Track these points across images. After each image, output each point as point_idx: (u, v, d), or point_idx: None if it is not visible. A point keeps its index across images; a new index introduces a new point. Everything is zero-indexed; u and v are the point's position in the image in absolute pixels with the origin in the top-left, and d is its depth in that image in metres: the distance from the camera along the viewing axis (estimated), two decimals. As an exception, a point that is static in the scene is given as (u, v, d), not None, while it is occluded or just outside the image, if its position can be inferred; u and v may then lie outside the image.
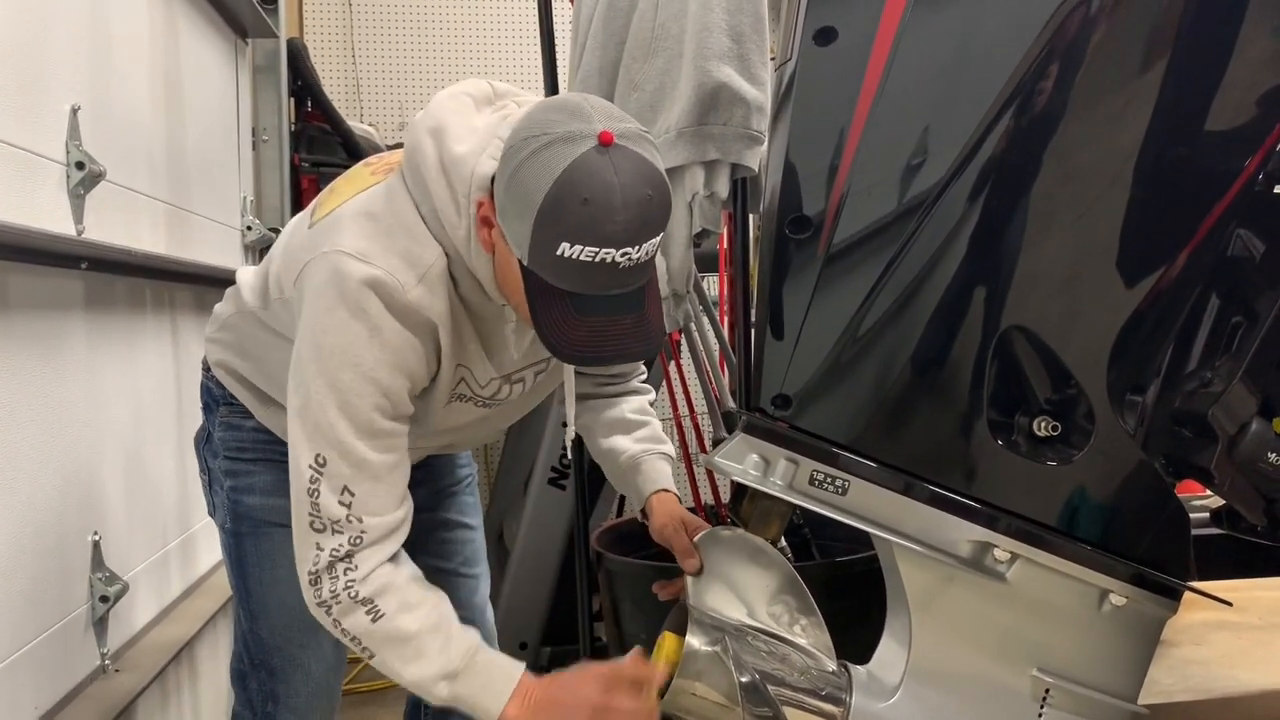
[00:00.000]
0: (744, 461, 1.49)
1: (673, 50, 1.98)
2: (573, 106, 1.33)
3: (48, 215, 1.85)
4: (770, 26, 1.98)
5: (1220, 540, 1.77)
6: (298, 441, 1.42)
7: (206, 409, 1.72)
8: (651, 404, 1.86)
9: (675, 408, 3.11)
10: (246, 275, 1.66)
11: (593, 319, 1.33)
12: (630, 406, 1.82)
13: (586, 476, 2.90)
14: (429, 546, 1.78)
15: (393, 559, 1.44)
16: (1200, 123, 1.44)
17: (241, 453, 1.66)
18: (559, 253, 1.27)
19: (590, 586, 2.56)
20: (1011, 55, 1.41)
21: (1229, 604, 1.58)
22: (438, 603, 1.46)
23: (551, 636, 3.33)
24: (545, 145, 1.28)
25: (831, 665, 1.52)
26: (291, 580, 1.62)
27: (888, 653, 1.52)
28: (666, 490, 1.75)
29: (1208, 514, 1.75)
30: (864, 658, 1.54)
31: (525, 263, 1.32)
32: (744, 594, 1.57)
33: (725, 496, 2.89)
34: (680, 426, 3.08)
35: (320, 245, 1.43)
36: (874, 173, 1.45)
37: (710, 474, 2.92)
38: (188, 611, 2.53)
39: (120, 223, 2.19)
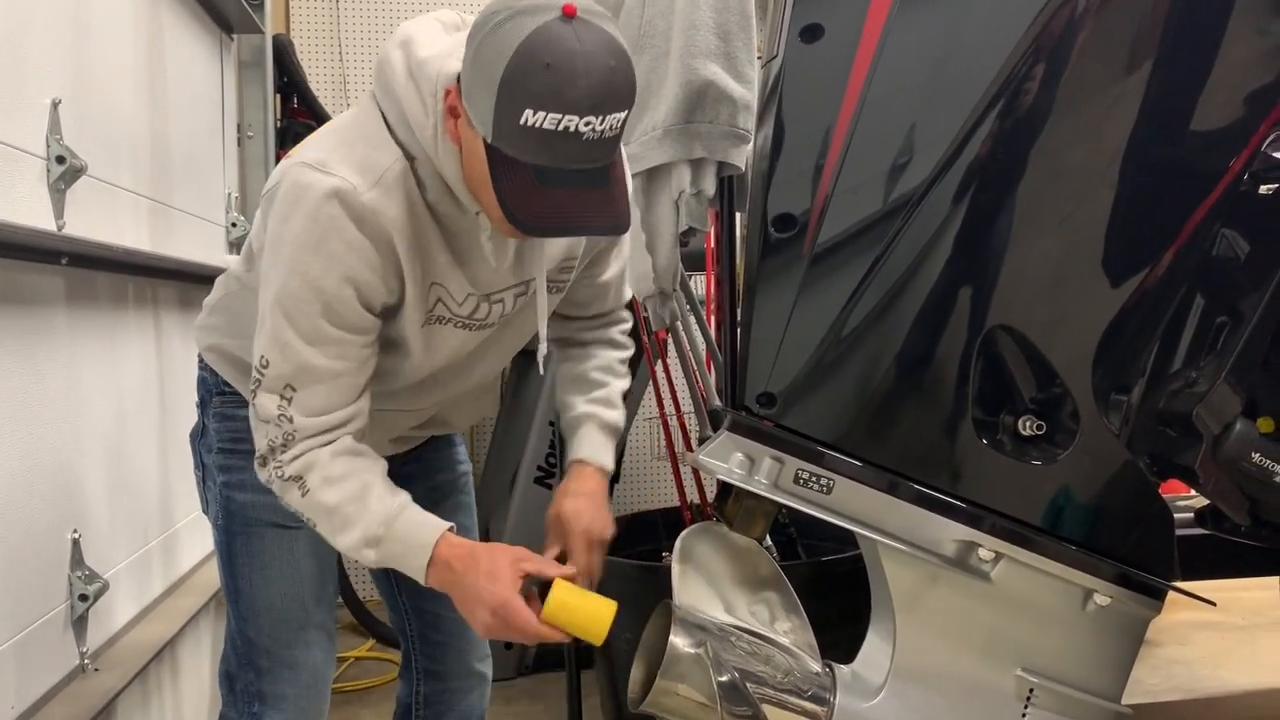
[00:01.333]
0: (729, 460, 1.49)
1: (659, 47, 1.98)
2: None
3: (28, 210, 1.83)
4: (757, 24, 1.97)
5: (1204, 540, 1.78)
6: (257, 337, 1.45)
7: (202, 403, 1.71)
8: (622, 361, 1.78)
9: (661, 406, 3.10)
10: (232, 259, 1.70)
11: (556, 191, 1.32)
12: (596, 363, 1.75)
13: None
14: None
15: (328, 445, 1.45)
16: (1186, 123, 1.44)
17: (236, 444, 1.64)
18: (522, 121, 1.27)
19: (575, 585, 2.55)
20: (998, 54, 1.40)
21: (1213, 604, 1.58)
22: (364, 471, 1.46)
23: (537, 636, 3.32)
24: (508, 18, 1.28)
25: (816, 665, 1.52)
26: (281, 581, 1.64)
27: (872, 652, 1.52)
28: (585, 462, 1.66)
29: (1192, 514, 1.75)
30: (849, 657, 1.54)
31: (490, 140, 1.31)
32: (729, 594, 1.56)
33: (711, 495, 2.88)
34: (666, 425, 3.08)
35: (284, 165, 1.47)
36: (860, 171, 1.45)
37: (696, 472, 2.92)
38: (170, 610, 2.51)
39: (102, 218, 2.17)
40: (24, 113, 1.85)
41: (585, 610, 1.44)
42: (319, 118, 3.57)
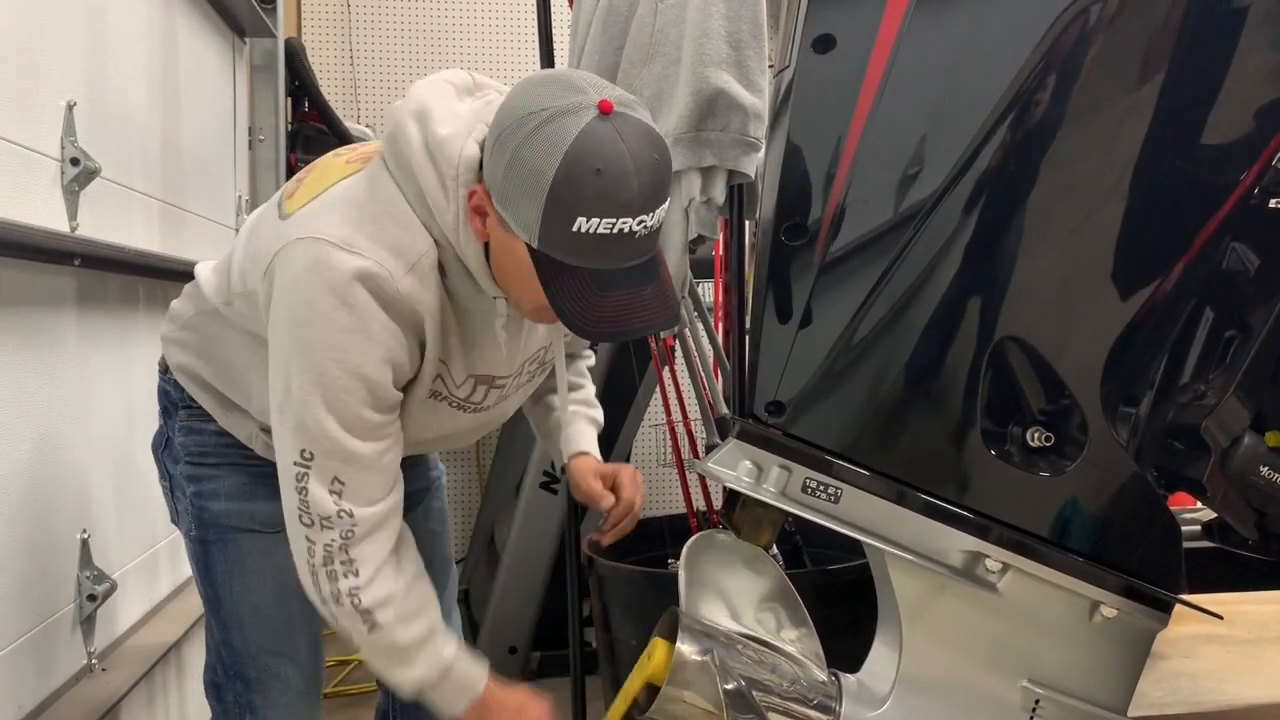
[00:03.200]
0: (737, 468, 1.49)
1: (671, 56, 1.98)
2: (563, 80, 1.28)
3: (42, 211, 1.85)
4: (769, 33, 1.98)
5: (1211, 553, 1.77)
6: (282, 438, 1.37)
7: (165, 413, 1.65)
8: (590, 369, 1.87)
9: (669, 413, 3.10)
10: (205, 271, 1.60)
11: (614, 294, 1.29)
12: (572, 369, 1.82)
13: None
14: None
15: (393, 554, 1.42)
16: (1197, 136, 1.44)
17: (204, 458, 1.59)
18: (575, 229, 1.23)
19: (581, 591, 2.56)
20: (1010, 66, 1.41)
21: (1219, 617, 1.58)
22: (429, 609, 1.46)
23: (542, 641, 3.32)
24: (546, 120, 1.23)
25: (822, 674, 1.52)
26: (264, 587, 1.57)
27: (878, 661, 1.52)
28: (586, 453, 1.76)
29: (1199, 526, 1.75)
30: (855, 666, 1.54)
31: (535, 245, 1.27)
32: (735, 601, 1.57)
33: (717, 502, 2.88)
34: (674, 432, 3.08)
35: (294, 233, 1.36)
36: (871, 181, 1.45)
37: (702, 479, 2.92)
38: (176, 611, 2.52)
39: (114, 220, 2.19)
40: (40, 115, 1.86)
41: None
42: (329, 121, 3.58)
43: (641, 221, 1.25)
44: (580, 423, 1.78)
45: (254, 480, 1.57)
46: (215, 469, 1.58)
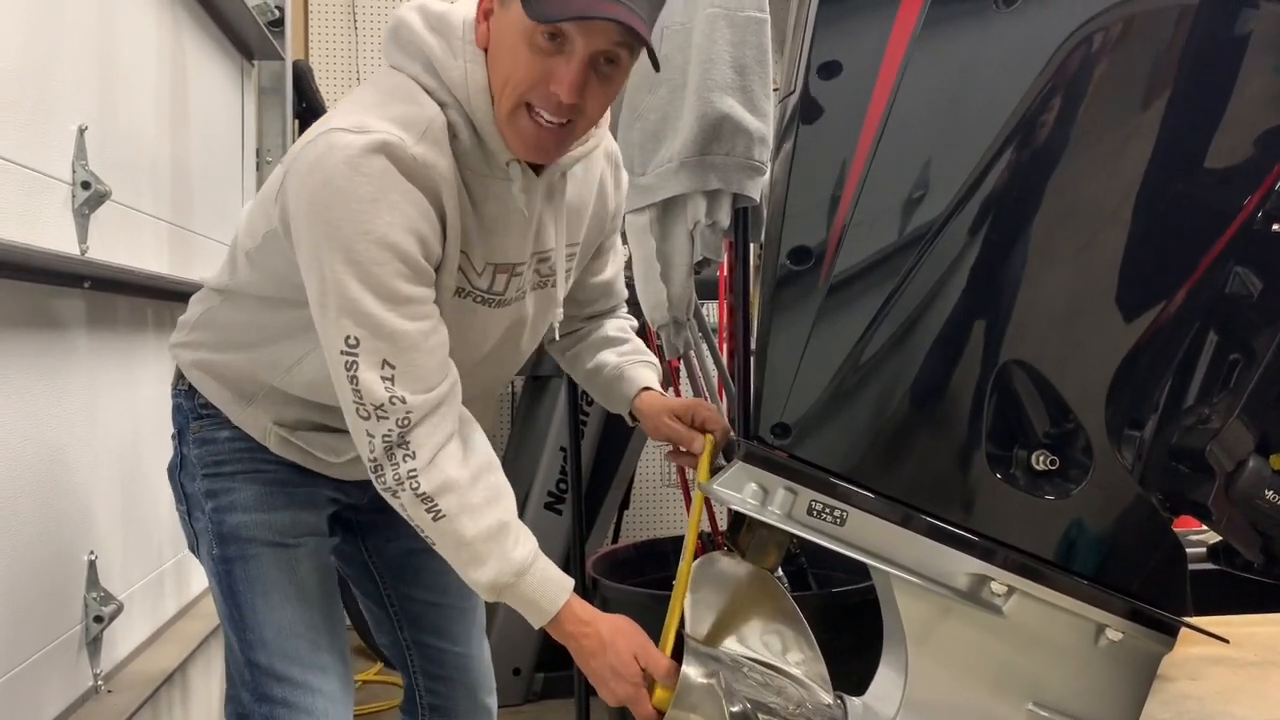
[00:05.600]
0: (742, 490, 1.49)
1: (677, 81, 2.00)
2: None
3: (53, 234, 1.86)
4: (774, 57, 2.00)
5: (1217, 574, 1.77)
6: (325, 329, 1.37)
7: (179, 433, 1.65)
8: (633, 327, 1.85)
9: (673, 434, 3.10)
10: (207, 275, 1.66)
11: None
12: (613, 325, 1.81)
13: (583, 502, 2.90)
14: (422, 579, 1.76)
15: (457, 440, 1.41)
16: (1200, 160, 1.45)
17: (219, 467, 1.59)
18: None
19: (586, 613, 2.55)
20: (1014, 91, 1.42)
21: (1225, 641, 1.58)
22: (501, 501, 1.44)
23: (546, 662, 3.32)
24: None
25: (828, 696, 1.52)
26: (287, 605, 1.56)
27: (884, 684, 1.52)
28: (649, 389, 1.74)
29: (1204, 548, 1.75)
30: (860, 689, 1.54)
31: None
32: (741, 624, 1.57)
33: (722, 523, 2.89)
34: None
35: (301, 144, 1.39)
36: (876, 206, 1.46)
37: (707, 501, 2.92)
38: (181, 633, 2.52)
39: (124, 242, 2.20)
40: (51, 139, 1.88)
41: None
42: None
43: None
44: (638, 367, 1.76)
45: (270, 489, 1.58)
46: (231, 480, 1.58)
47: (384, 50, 1.48)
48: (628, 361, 1.77)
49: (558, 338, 1.71)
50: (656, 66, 1.43)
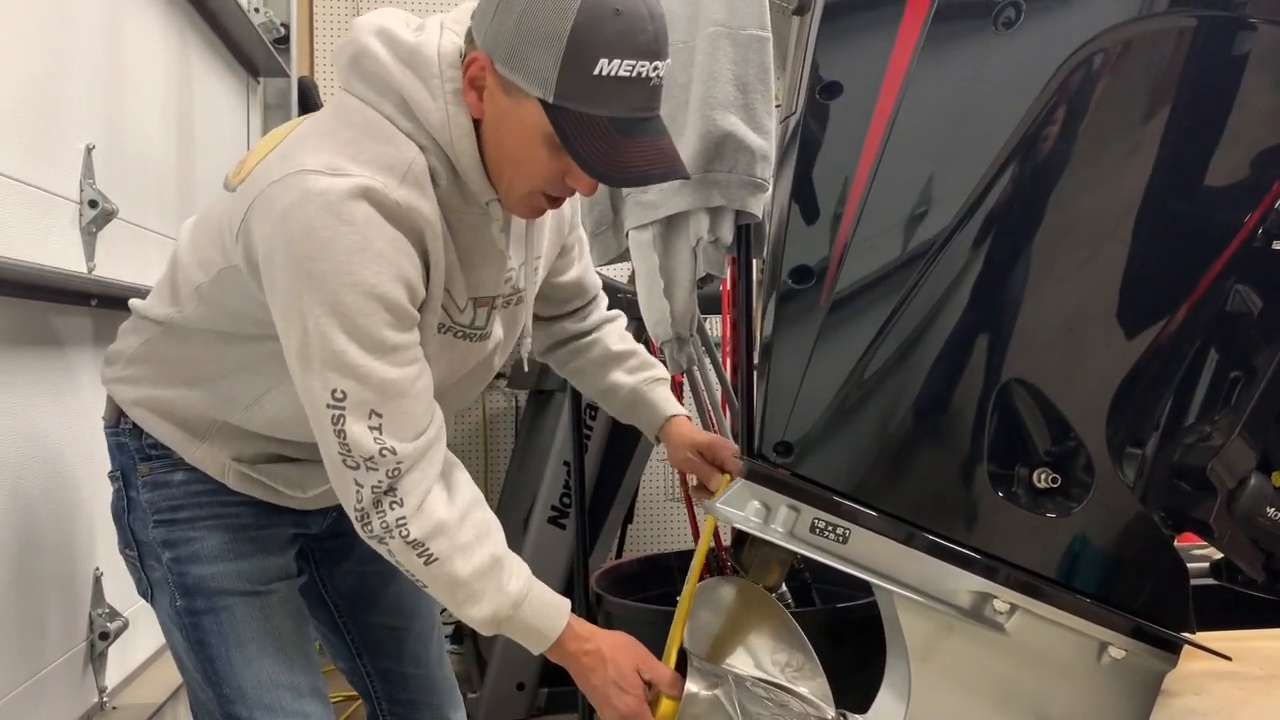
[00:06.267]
0: (745, 508, 1.50)
1: (679, 98, 2.01)
2: None
3: (61, 253, 1.88)
4: (775, 74, 2.01)
5: (1220, 590, 1.77)
6: (308, 382, 1.31)
7: (123, 474, 1.54)
8: (627, 328, 1.84)
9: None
10: (141, 302, 1.55)
11: (639, 140, 1.28)
12: (612, 337, 1.78)
13: (587, 516, 2.90)
14: (379, 604, 1.72)
15: (441, 482, 1.37)
16: (1201, 178, 1.46)
17: (175, 513, 1.50)
18: (597, 71, 1.23)
19: (589, 628, 2.55)
20: (1014, 111, 1.43)
21: (1228, 658, 1.57)
22: (491, 536, 1.40)
23: (549, 677, 3.31)
24: None
25: (830, 713, 1.52)
26: (264, 655, 1.49)
27: (887, 702, 1.52)
28: (675, 415, 1.75)
29: (1207, 564, 1.75)
30: (863, 705, 1.54)
31: (552, 99, 1.26)
32: (744, 640, 1.57)
33: (725, 538, 2.89)
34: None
35: (262, 184, 1.30)
36: (877, 223, 1.47)
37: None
38: (186, 648, 2.52)
39: (130, 260, 2.21)
40: (59, 158, 1.89)
41: None
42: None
43: (656, 68, 1.27)
44: (656, 388, 1.76)
45: (235, 536, 1.51)
46: (190, 528, 1.49)
47: (340, 75, 1.38)
48: (643, 383, 1.76)
49: (532, 351, 1.66)
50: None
